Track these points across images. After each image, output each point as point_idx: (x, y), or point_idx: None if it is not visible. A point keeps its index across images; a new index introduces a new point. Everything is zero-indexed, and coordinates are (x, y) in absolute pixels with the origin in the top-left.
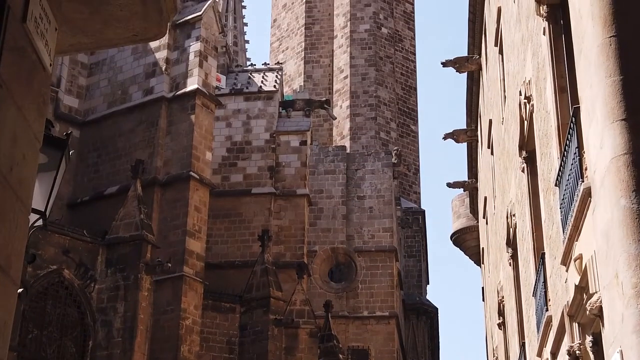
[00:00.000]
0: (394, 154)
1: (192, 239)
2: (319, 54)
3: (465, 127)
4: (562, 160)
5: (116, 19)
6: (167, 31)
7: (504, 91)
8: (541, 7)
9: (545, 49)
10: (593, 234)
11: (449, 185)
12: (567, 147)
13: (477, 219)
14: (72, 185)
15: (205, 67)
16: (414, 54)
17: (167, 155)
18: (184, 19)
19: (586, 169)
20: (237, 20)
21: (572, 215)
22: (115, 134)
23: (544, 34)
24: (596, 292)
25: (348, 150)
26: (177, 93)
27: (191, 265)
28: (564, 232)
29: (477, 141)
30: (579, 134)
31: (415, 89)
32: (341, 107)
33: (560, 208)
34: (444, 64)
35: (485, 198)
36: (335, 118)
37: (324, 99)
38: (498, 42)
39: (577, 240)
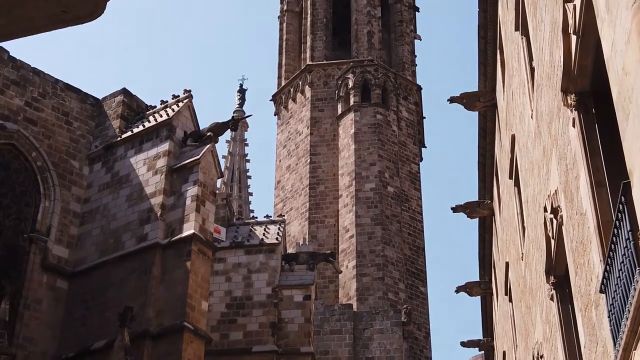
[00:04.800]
0: (403, 312)
1: None
2: (323, 214)
3: (478, 279)
4: (608, 258)
5: None
6: (164, 176)
7: (522, 223)
8: (569, 97)
9: (576, 143)
10: None
11: (463, 344)
12: (614, 240)
13: None
14: (58, 341)
15: (203, 212)
16: (421, 214)
17: (160, 306)
18: (181, 164)
19: None
20: (242, 190)
21: (627, 318)
22: (105, 285)
23: (573, 125)
24: None
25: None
26: (173, 239)
27: None
28: (615, 344)
29: (492, 294)
30: (632, 214)
31: (424, 250)
32: (347, 267)
33: (609, 316)
34: (454, 209)
35: (504, 353)
36: (341, 272)
37: (329, 251)
38: (513, 173)
39: (635, 349)
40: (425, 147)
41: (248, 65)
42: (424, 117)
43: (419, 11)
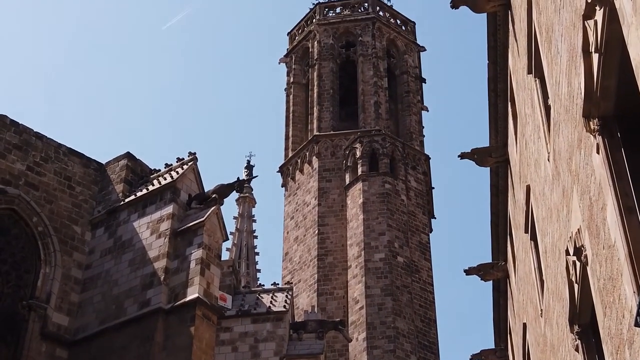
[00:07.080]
0: None
1: None
2: (332, 286)
3: (493, 347)
4: None
5: None
6: (167, 239)
7: (541, 277)
8: (592, 122)
9: (601, 170)
10: None
11: None
12: None
13: None
14: None
15: (207, 276)
16: (432, 285)
17: None
18: (185, 226)
19: None
20: (250, 266)
21: None
22: (106, 353)
23: (597, 152)
24: None
25: None
26: (176, 304)
27: None
28: None
29: None
30: None
31: (435, 321)
32: (357, 340)
33: None
34: (467, 272)
35: None
36: (351, 340)
37: (338, 319)
38: (529, 227)
39: None
40: (435, 218)
41: (254, 137)
42: (433, 188)
43: (425, 82)
